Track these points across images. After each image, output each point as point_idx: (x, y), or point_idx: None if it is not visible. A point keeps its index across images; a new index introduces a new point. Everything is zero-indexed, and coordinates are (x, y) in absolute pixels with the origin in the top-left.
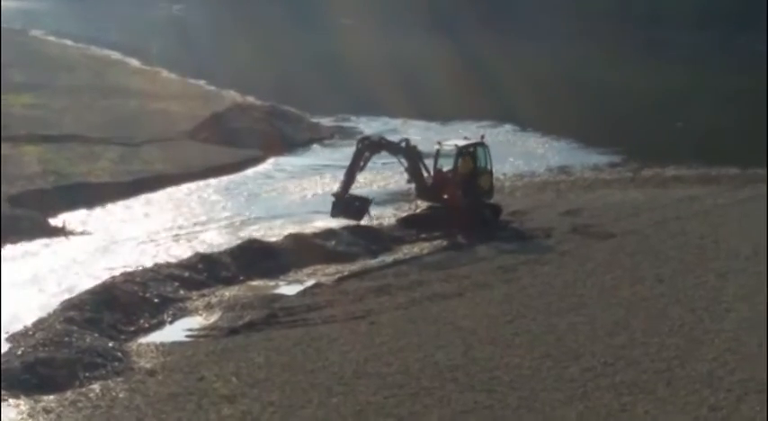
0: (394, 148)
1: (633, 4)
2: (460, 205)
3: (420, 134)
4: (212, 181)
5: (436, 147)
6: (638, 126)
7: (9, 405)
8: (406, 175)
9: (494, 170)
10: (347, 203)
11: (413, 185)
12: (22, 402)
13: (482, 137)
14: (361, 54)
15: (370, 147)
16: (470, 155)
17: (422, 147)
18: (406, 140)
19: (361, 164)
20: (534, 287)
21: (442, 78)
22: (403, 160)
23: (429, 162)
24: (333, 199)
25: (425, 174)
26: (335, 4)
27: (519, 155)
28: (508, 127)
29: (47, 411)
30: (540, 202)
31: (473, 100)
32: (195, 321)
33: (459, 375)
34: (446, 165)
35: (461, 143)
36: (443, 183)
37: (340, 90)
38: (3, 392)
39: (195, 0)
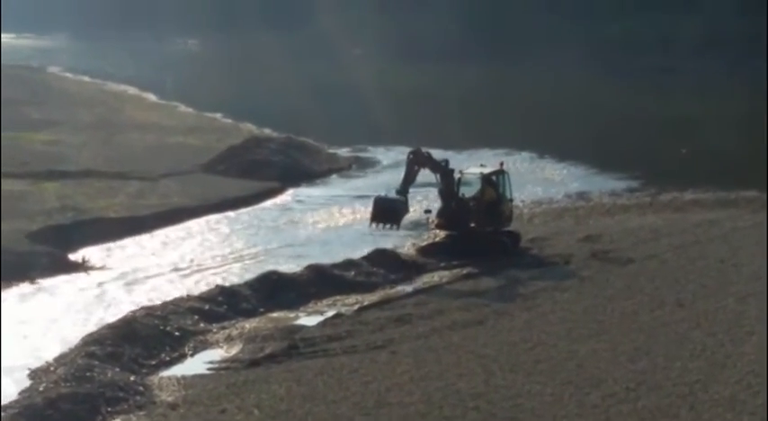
0: (435, 166)
1: (641, 31)
2: (484, 233)
3: None
4: (230, 213)
5: (457, 175)
6: (654, 151)
7: None
8: (424, 205)
9: (512, 197)
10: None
11: (431, 215)
12: None
13: (501, 164)
14: (375, 84)
15: (418, 161)
16: (493, 182)
17: (428, 177)
18: (446, 161)
19: (413, 176)
20: (554, 314)
21: (457, 107)
22: (439, 180)
23: None
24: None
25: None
26: (347, 36)
27: (537, 182)
28: (525, 154)
29: None
30: (559, 229)
31: (489, 128)
32: (216, 354)
33: (482, 403)
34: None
35: (484, 171)
36: (467, 211)
37: (356, 120)
38: None
39: (209, 34)
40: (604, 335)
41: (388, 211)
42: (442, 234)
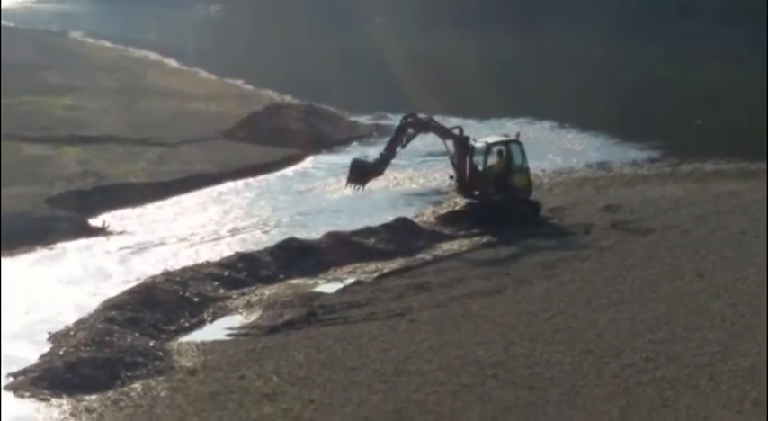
0: (444, 132)
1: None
2: (493, 202)
3: None
4: (251, 180)
5: (471, 144)
6: (675, 121)
7: (52, 404)
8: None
9: (532, 167)
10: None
11: (453, 181)
12: (64, 402)
13: (517, 134)
14: (397, 52)
15: (415, 125)
16: (503, 152)
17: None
18: (460, 128)
19: (404, 140)
20: (574, 283)
21: (479, 75)
22: (451, 147)
23: None
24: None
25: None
26: (369, 4)
27: (557, 151)
28: (546, 124)
29: (89, 410)
30: (580, 199)
31: (511, 97)
32: (235, 320)
33: (500, 372)
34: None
35: (489, 140)
36: (477, 180)
37: (377, 88)
38: (46, 392)
39: (232, 1)
40: (624, 305)
41: (358, 172)
42: (461, 202)
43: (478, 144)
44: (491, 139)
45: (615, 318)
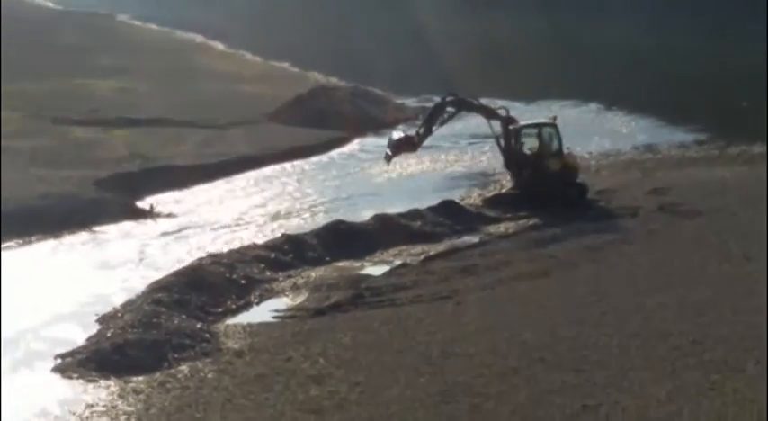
0: (488, 112)
1: None
2: (527, 186)
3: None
4: (297, 162)
5: (511, 127)
6: (724, 103)
7: (99, 386)
8: (489, 156)
9: (579, 149)
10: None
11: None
12: (112, 383)
13: (554, 117)
14: (444, 33)
15: (455, 104)
16: (537, 135)
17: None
18: (506, 109)
19: (444, 117)
20: (621, 266)
21: (527, 57)
22: (498, 128)
23: None
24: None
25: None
26: None
27: (604, 133)
28: (593, 106)
29: (136, 392)
30: (626, 181)
31: (557, 79)
32: (282, 302)
33: (547, 354)
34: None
35: (529, 123)
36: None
37: (424, 70)
38: (93, 374)
39: None
40: (671, 288)
41: (392, 146)
42: (508, 185)
43: (512, 126)
44: (525, 122)
45: (662, 301)
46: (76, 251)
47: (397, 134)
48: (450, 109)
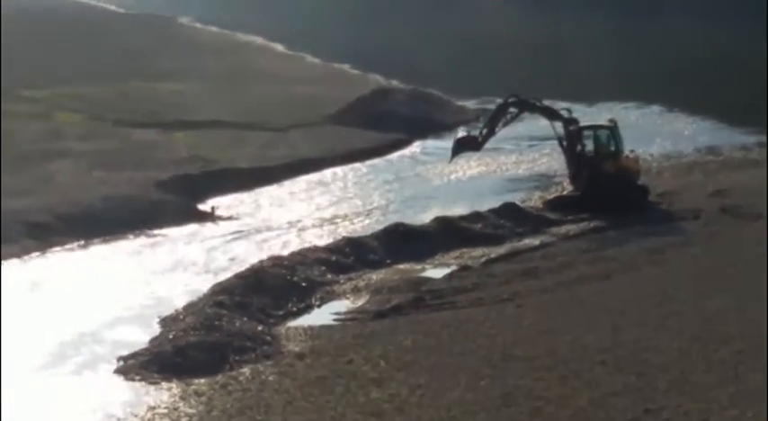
0: (551, 114)
1: None
2: (600, 187)
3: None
4: (358, 165)
5: (572, 128)
6: None
7: (161, 388)
8: (555, 157)
9: (640, 151)
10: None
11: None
12: (173, 385)
13: (611, 120)
14: (506, 35)
15: (517, 105)
16: (595, 137)
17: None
18: (569, 110)
19: (506, 118)
20: (683, 269)
21: (589, 59)
22: (560, 130)
23: None
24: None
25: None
26: None
27: (666, 135)
28: (655, 108)
29: (198, 394)
30: (688, 183)
31: (620, 81)
32: (343, 305)
33: (608, 358)
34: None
35: (589, 125)
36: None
37: (484, 72)
38: (155, 376)
39: None
40: (733, 291)
41: (456, 146)
42: (569, 187)
43: (572, 128)
44: (585, 124)
45: (724, 304)
46: (138, 253)
47: (460, 133)
48: (512, 110)
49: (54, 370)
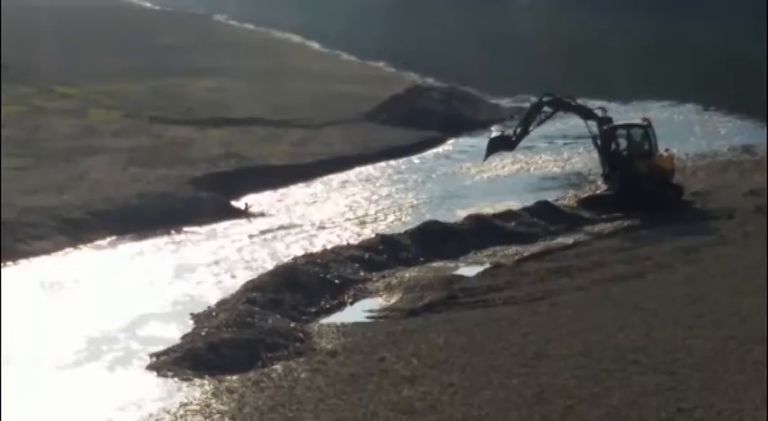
0: (585, 112)
1: None
2: (634, 185)
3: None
4: (392, 162)
5: (605, 127)
6: None
7: (194, 384)
8: (586, 157)
9: (675, 150)
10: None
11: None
12: (206, 382)
13: (644, 119)
14: (540, 34)
15: (552, 104)
16: (629, 136)
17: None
18: (603, 109)
19: (541, 117)
20: (717, 268)
21: (624, 57)
22: (594, 129)
23: None
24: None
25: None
26: None
27: (701, 134)
28: (690, 106)
29: (230, 391)
30: (723, 183)
31: (656, 79)
32: (375, 302)
33: (641, 357)
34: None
35: (622, 123)
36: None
37: (518, 70)
38: (188, 372)
39: None
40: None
41: (490, 145)
42: (603, 186)
43: (606, 127)
44: (618, 123)
45: (759, 304)
46: (171, 250)
47: (495, 133)
48: (547, 109)
49: (87, 365)
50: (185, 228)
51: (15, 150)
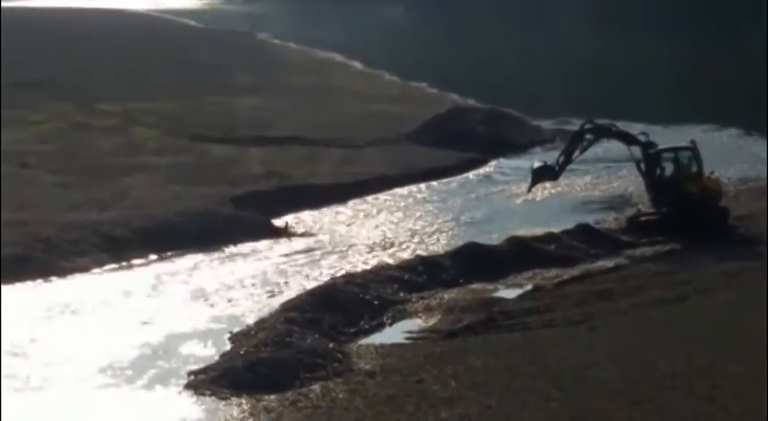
0: (628, 138)
1: None
2: (678, 209)
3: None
4: (433, 183)
5: (651, 151)
6: None
7: (231, 403)
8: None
9: (718, 174)
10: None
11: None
12: (243, 401)
13: (691, 141)
14: (584, 55)
15: (594, 131)
16: (676, 159)
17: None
18: (646, 134)
19: (583, 145)
20: (758, 293)
21: (666, 80)
22: (638, 154)
23: None
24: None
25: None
26: (558, 5)
27: (743, 159)
28: (732, 130)
29: (268, 410)
30: (765, 208)
31: (698, 103)
32: (414, 323)
33: (680, 382)
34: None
35: (669, 147)
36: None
37: (561, 92)
38: (225, 391)
39: (418, 2)
40: None
41: (534, 177)
42: (645, 209)
43: (651, 151)
44: (665, 146)
45: None
46: (211, 268)
47: (537, 163)
48: (589, 136)
49: (126, 383)
50: (225, 247)
51: (57, 167)
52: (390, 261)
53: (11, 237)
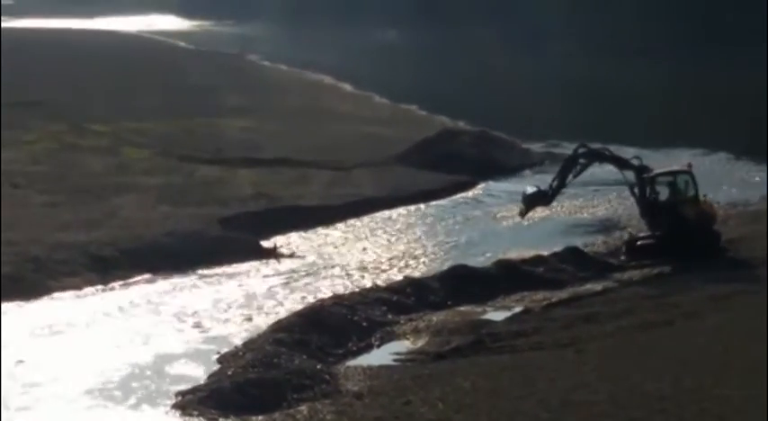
0: (621, 163)
1: None
2: (669, 233)
3: None
4: (422, 205)
5: (644, 175)
6: None
7: None
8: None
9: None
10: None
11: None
12: None
13: (689, 165)
14: (573, 79)
15: (587, 156)
16: (673, 183)
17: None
18: (639, 158)
19: (576, 169)
20: (747, 317)
21: (656, 105)
22: (631, 178)
23: None
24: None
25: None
26: (547, 30)
27: (733, 183)
28: (721, 155)
29: None
30: (754, 232)
31: (687, 127)
32: (402, 345)
33: (669, 406)
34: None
35: (665, 171)
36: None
37: (551, 115)
38: (213, 411)
39: (408, 25)
40: None
41: (526, 202)
42: (635, 233)
43: (646, 175)
44: (660, 170)
45: None
46: (201, 288)
47: (530, 188)
48: (582, 161)
49: (114, 404)
50: (214, 268)
51: (47, 186)
52: (378, 283)
53: (1, 256)
